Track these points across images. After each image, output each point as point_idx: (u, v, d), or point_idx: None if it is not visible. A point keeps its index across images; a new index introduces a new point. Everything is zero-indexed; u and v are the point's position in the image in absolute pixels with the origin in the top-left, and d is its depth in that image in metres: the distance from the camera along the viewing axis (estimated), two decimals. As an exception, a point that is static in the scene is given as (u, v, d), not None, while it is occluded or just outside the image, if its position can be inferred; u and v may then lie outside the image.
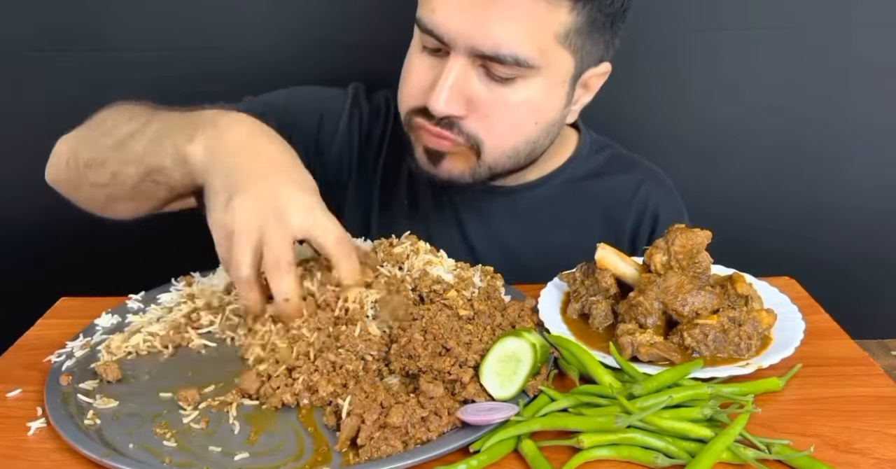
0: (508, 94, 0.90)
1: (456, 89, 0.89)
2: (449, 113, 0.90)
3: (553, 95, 0.93)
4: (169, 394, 0.73)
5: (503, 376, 0.69)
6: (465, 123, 0.92)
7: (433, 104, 0.89)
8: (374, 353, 0.74)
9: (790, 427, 0.67)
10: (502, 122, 0.92)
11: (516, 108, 0.91)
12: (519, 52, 0.86)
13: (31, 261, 1.47)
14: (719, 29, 1.33)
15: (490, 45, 0.85)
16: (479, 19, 0.85)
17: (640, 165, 1.16)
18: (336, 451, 0.64)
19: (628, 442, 0.64)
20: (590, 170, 1.12)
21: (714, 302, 0.77)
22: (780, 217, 1.45)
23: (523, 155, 0.97)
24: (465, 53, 0.87)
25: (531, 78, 0.89)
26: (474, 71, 0.89)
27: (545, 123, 0.95)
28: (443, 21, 0.87)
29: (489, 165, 0.96)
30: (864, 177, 1.43)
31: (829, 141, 1.41)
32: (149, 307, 0.89)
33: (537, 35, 0.86)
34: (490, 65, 0.88)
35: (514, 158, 0.97)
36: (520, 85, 0.90)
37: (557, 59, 0.90)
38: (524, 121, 0.93)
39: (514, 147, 0.95)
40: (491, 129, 0.92)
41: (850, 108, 1.38)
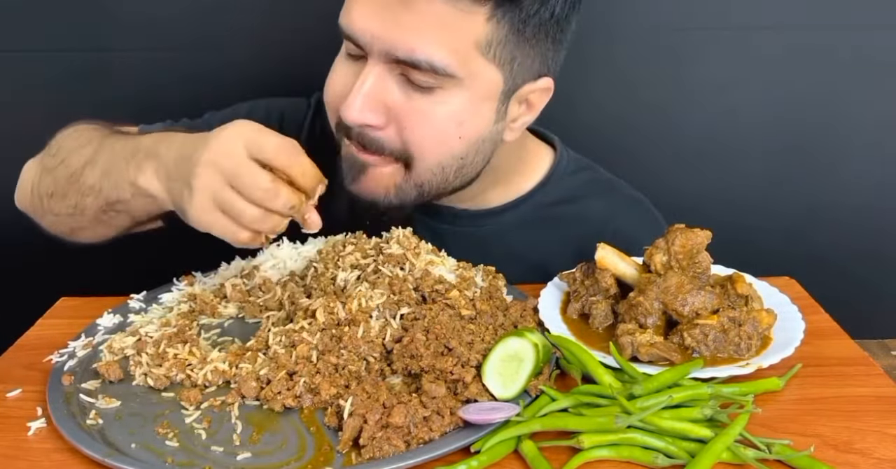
0: (428, 105, 0.85)
1: (372, 96, 0.84)
2: (364, 121, 0.85)
3: (479, 110, 0.87)
4: (171, 394, 0.73)
5: (505, 376, 0.69)
6: (383, 137, 0.87)
7: (346, 113, 0.84)
8: (377, 354, 0.74)
9: (790, 427, 0.67)
10: (424, 135, 0.87)
11: (437, 120, 0.86)
12: (434, 58, 0.81)
13: (31, 261, 1.47)
14: (719, 29, 1.33)
15: (404, 49, 0.81)
16: (393, 23, 0.81)
17: (621, 190, 1.09)
18: (338, 451, 0.64)
19: (628, 442, 0.64)
20: (563, 193, 1.05)
21: (714, 302, 0.77)
22: (780, 217, 1.45)
23: (451, 172, 0.91)
24: (381, 59, 0.83)
25: (452, 89, 0.84)
26: (393, 78, 0.85)
27: (471, 139, 0.89)
28: (359, 25, 0.83)
29: (416, 183, 0.90)
30: (863, 176, 1.43)
31: (829, 141, 1.41)
32: (150, 307, 0.89)
33: (454, 43, 0.82)
34: (408, 72, 0.83)
35: (441, 176, 0.90)
36: (440, 96, 0.85)
37: (481, 72, 0.85)
38: (446, 134, 0.87)
39: (440, 162, 0.89)
40: (412, 143, 0.87)
41: (850, 108, 1.38)
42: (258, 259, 0.95)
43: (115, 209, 0.85)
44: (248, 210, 0.73)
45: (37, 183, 0.95)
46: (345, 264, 0.86)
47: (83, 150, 0.89)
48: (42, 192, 0.93)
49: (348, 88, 0.86)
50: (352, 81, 0.86)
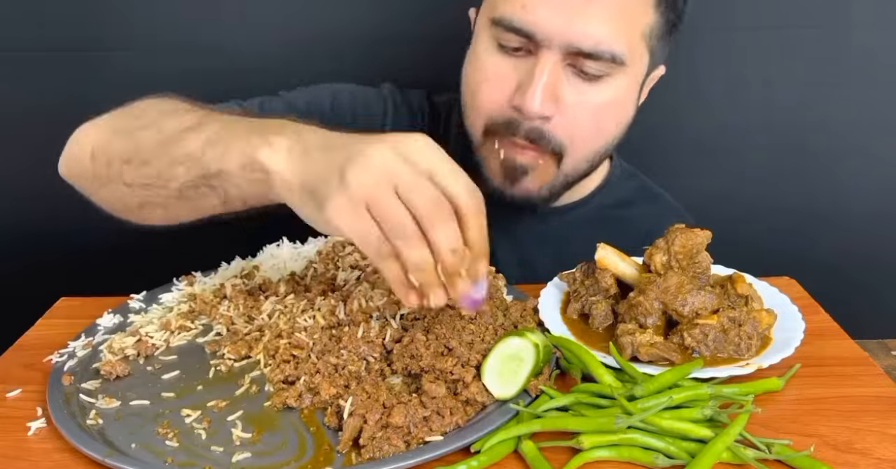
0: (596, 94, 0.89)
1: (549, 88, 0.86)
2: (544, 113, 0.87)
3: (633, 94, 0.93)
4: (171, 394, 0.73)
5: (504, 375, 0.69)
6: (551, 127, 0.89)
7: (529, 105, 0.86)
8: (377, 354, 0.74)
9: (790, 427, 0.67)
10: (588, 125, 0.91)
11: (602, 108, 0.90)
12: (615, 49, 0.85)
13: (31, 261, 1.47)
14: (719, 29, 1.33)
15: (589, 41, 0.84)
16: (576, 15, 0.83)
17: (665, 199, 1.14)
18: (338, 451, 0.64)
19: (628, 442, 0.64)
20: (620, 197, 1.10)
21: (714, 302, 0.77)
22: (780, 217, 1.45)
23: (600, 156, 0.97)
24: (558, 51, 0.85)
25: (617, 76, 0.89)
26: (562, 70, 0.87)
27: (624, 124, 0.95)
28: (537, 19, 0.84)
29: (567, 173, 0.94)
30: (864, 177, 1.43)
31: (830, 141, 1.41)
32: (150, 307, 0.89)
33: (630, 32, 0.87)
34: (581, 62, 0.86)
35: (591, 161, 0.96)
36: (606, 83, 0.89)
37: (640, 58, 0.90)
38: (608, 121, 0.93)
39: (596, 150, 0.95)
40: (576, 133, 0.91)
41: (851, 108, 1.38)
42: (258, 259, 0.95)
43: (209, 184, 0.71)
44: (407, 223, 0.60)
45: (103, 147, 0.81)
46: (344, 264, 0.86)
47: (184, 116, 0.77)
48: (113, 157, 0.79)
49: (513, 84, 0.88)
50: (514, 76, 0.88)
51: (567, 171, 0.95)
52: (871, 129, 1.40)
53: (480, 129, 0.93)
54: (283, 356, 0.74)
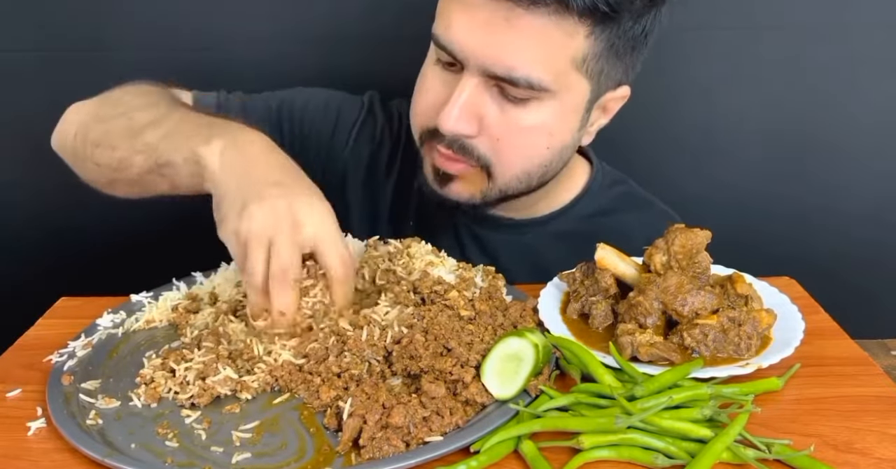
0: (521, 117, 0.88)
1: (467, 108, 0.87)
2: (458, 132, 0.88)
3: (567, 120, 0.91)
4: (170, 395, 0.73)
5: (504, 376, 0.69)
6: (476, 144, 0.90)
7: (443, 122, 0.87)
8: (380, 357, 0.74)
9: (790, 427, 0.67)
10: (514, 146, 0.90)
11: (528, 131, 0.89)
12: (532, 76, 0.84)
13: (31, 261, 1.47)
14: (719, 28, 1.33)
15: (503, 67, 0.83)
16: (494, 40, 0.83)
17: (655, 206, 1.12)
18: (338, 452, 0.64)
19: (628, 442, 0.64)
20: (600, 206, 1.08)
21: (714, 302, 0.77)
22: (780, 217, 1.45)
23: (535, 178, 0.95)
24: (478, 72, 0.85)
25: (545, 101, 0.87)
26: (487, 90, 0.87)
27: (557, 147, 0.93)
28: (458, 38, 0.85)
29: (500, 188, 0.94)
30: (863, 176, 1.43)
31: (830, 140, 1.41)
32: (151, 307, 0.89)
33: (552, 60, 0.84)
34: (504, 86, 0.86)
35: (525, 182, 0.95)
36: (533, 107, 0.88)
37: (573, 84, 0.88)
38: (536, 145, 0.91)
39: (526, 171, 0.93)
40: (502, 153, 0.90)
41: (851, 107, 1.38)
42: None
43: (161, 172, 0.84)
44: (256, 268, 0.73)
45: (83, 129, 0.93)
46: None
47: (151, 109, 0.89)
48: (89, 140, 0.91)
49: (441, 97, 0.89)
50: (444, 91, 0.89)
51: (500, 186, 0.94)
52: (871, 129, 1.40)
53: (418, 134, 0.96)
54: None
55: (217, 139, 0.78)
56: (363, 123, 1.11)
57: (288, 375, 0.73)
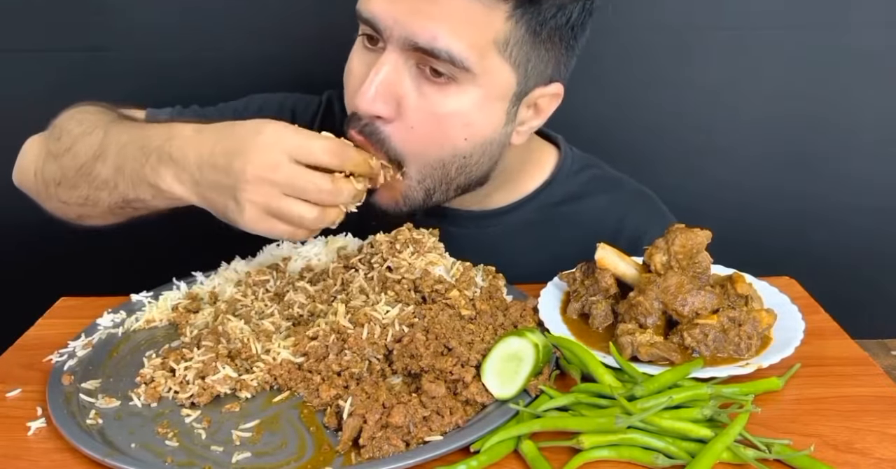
0: (439, 102, 0.84)
1: (386, 87, 0.83)
2: (375, 112, 0.84)
3: (489, 111, 0.87)
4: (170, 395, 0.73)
5: (504, 375, 0.69)
6: (390, 133, 0.86)
7: (360, 101, 0.83)
8: (381, 355, 0.74)
9: (790, 427, 0.67)
10: (429, 134, 0.86)
11: (445, 118, 0.85)
12: (453, 49, 0.81)
13: (31, 261, 1.47)
14: (720, 28, 1.33)
15: (425, 36, 0.80)
16: (416, 8, 0.81)
17: (625, 185, 1.08)
18: (338, 451, 0.64)
19: (628, 442, 0.64)
20: (568, 192, 1.04)
21: (714, 302, 0.77)
22: (780, 217, 1.45)
23: (452, 169, 0.90)
24: (399, 46, 0.82)
25: (466, 85, 0.84)
26: (408, 69, 0.84)
27: (477, 140, 0.88)
28: (379, 9, 0.82)
29: (417, 180, 0.89)
30: (863, 176, 1.43)
31: (830, 141, 1.41)
32: (151, 306, 0.89)
33: (474, 36, 0.82)
34: (425, 62, 0.83)
35: (441, 171, 0.89)
36: (452, 91, 0.84)
37: (496, 70, 0.84)
38: (452, 134, 0.87)
39: (440, 159, 0.88)
40: (416, 142, 0.86)
41: (851, 107, 1.38)
42: (257, 259, 0.95)
43: (132, 206, 0.84)
44: (308, 213, 0.75)
45: (41, 167, 0.92)
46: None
47: (89, 138, 0.86)
48: (48, 179, 0.90)
49: (361, 79, 0.85)
50: (365, 71, 0.85)
51: (417, 180, 0.89)
52: (871, 130, 1.40)
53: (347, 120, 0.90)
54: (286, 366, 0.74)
55: (163, 168, 0.78)
56: (321, 121, 1.09)
57: (287, 374, 0.73)
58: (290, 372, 0.73)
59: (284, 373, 0.73)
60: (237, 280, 0.91)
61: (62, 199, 0.90)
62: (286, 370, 0.73)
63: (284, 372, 0.73)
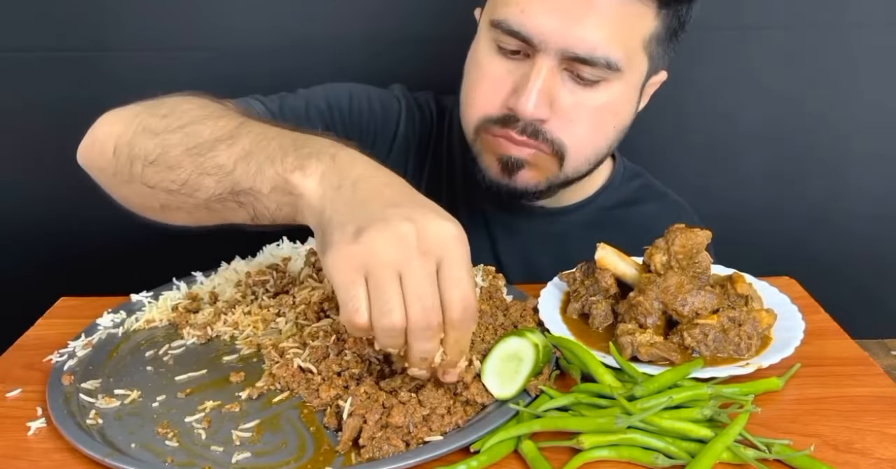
0: (591, 98, 0.90)
1: (543, 92, 0.87)
2: (537, 116, 0.89)
3: (630, 99, 0.94)
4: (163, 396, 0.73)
5: (504, 376, 0.69)
6: (548, 128, 0.90)
7: (522, 108, 0.87)
8: (380, 356, 0.74)
9: (790, 427, 0.67)
10: (585, 127, 0.92)
11: (598, 111, 0.91)
12: (611, 55, 0.86)
13: (31, 261, 1.47)
14: (719, 29, 1.33)
15: (584, 47, 0.85)
16: (573, 21, 0.84)
17: (669, 197, 1.15)
18: (338, 451, 0.64)
19: (628, 442, 0.64)
20: (622, 198, 1.11)
21: (714, 302, 0.77)
22: (780, 217, 1.45)
23: (600, 158, 0.98)
24: (554, 55, 0.86)
25: (614, 81, 0.89)
26: (559, 74, 0.88)
27: (622, 127, 0.96)
28: (534, 22, 0.85)
29: (568, 173, 0.95)
30: (864, 177, 1.43)
31: (830, 141, 1.41)
32: (151, 306, 0.89)
33: (627, 38, 0.87)
34: (577, 67, 0.87)
35: (592, 162, 0.97)
36: (602, 88, 0.89)
37: (637, 64, 0.91)
38: (605, 124, 0.93)
39: (596, 152, 0.96)
40: (574, 134, 0.92)
41: (851, 108, 1.38)
42: (257, 259, 0.95)
43: (237, 200, 0.69)
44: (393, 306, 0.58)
45: (127, 143, 0.76)
46: None
47: (216, 122, 0.73)
48: (137, 156, 0.75)
49: (508, 86, 0.90)
50: (509, 78, 0.90)
51: (569, 170, 0.95)
52: (871, 129, 1.40)
53: (474, 124, 0.95)
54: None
55: (312, 163, 0.65)
56: (406, 117, 1.11)
57: (289, 376, 0.73)
58: (293, 374, 0.73)
59: (287, 374, 0.73)
60: (237, 280, 0.91)
61: (149, 182, 0.74)
62: (290, 372, 0.73)
63: (288, 374, 0.73)
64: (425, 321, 0.59)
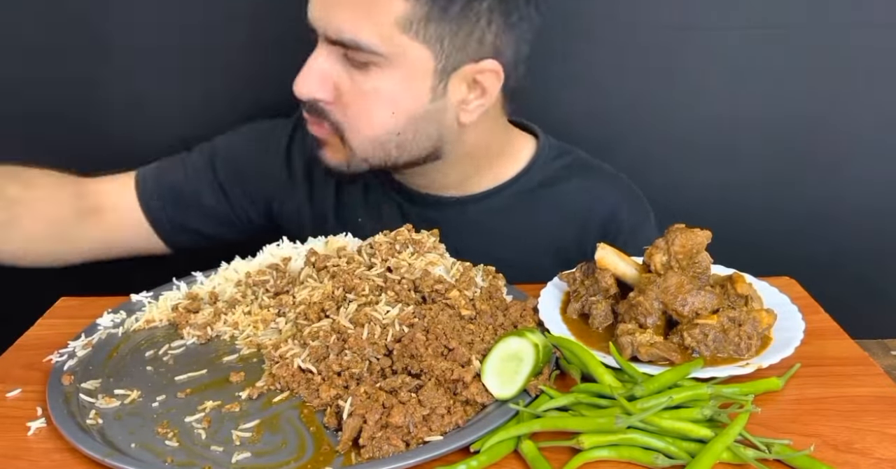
0: (364, 82, 0.92)
1: (318, 73, 0.93)
2: (312, 95, 0.93)
3: (412, 87, 0.93)
4: (163, 396, 0.73)
5: (504, 376, 0.69)
6: (330, 111, 0.95)
7: (297, 88, 0.93)
8: (381, 355, 0.74)
9: (790, 427, 0.67)
10: (359, 112, 0.94)
11: (370, 96, 0.93)
12: (359, 38, 0.88)
13: (31, 261, 1.47)
14: (719, 28, 1.33)
15: (334, 29, 0.89)
16: (329, 6, 0.90)
17: (601, 170, 1.12)
18: (338, 451, 0.64)
19: (628, 442, 0.64)
20: (545, 178, 1.09)
21: (714, 302, 0.77)
22: (780, 217, 1.45)
23: (391, 146, 0.97)
24: (324, 39, 0.92)
25: (385, 68, 0.91)
26: (338, 59, 0.92)
27: (406, 116, 0.94)
28: (311, 11, 0.92)
29: (360, 156, 0.97)
30: (864, 176, 1.43)
31: (830, 141, 1.41)
32: (151, 307, 0.89)
33: (376, 22, 0.88)
34: (346, 51, 0.91)
35: (380, 150, 0.97)
36: (374, 73, 0.92)
37: (408, 50, 0.90)
38: (379, 110, 0.94)
39: (375, 138, 0.96)
40: (351, 119, 0.95)
41: (851, 108, 1.38)
42: (257, 259, 0.95)
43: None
44: None
45: None
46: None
47: None
48: None
49: None
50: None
51: (358, 153, 0.97)
52: (871, 129, 1.40)
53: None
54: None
55: None
56: (290, 141, 1.14)
57: (290, 376, 0.73)
58: (293, 375, 0.73)
59: (287, 375, 0.73)
60: (237, 280, 0.91)
61: None
62: (290, 373, 0.73)
63: (288, 375, 0.73)
64: None
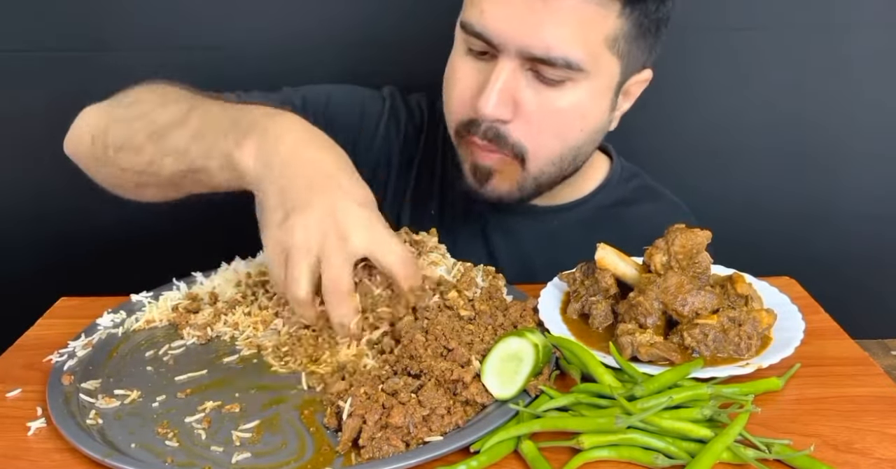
0: (556, 99, 0.89)
1: (505, 93, 0.87)
2: (497, 116, 0.89)
3: (599, 102, 0.93)
4: (163, 396, 0.73)
5: (504, 376, 0.69)
6: (511, 130, 0.91)
7: (481, 108, 0.88)
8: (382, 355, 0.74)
9: (790, 427, 0.67)
10: (548, 128, 0.91)
11: (563, 113, 0.91)
12: (570, 55, 0.85)
13: (30, 261, 1.47)
14: (718, 29, 1.33)
15: (541, 47, 0.85)
16: (531, 21, 0.84)
17: (667, 197, 1.15)
18: (338, 452, 0.64)
19: (628, 442, 0.64)
20: (618, 197, 1.11)
21: (714, 302, 0.77)
22: (780, 217, 1.45)
23: (567, 161, 0.96)
24: (515, 56, 0.86)
25: (580, 82, 0.89)
26: (523, 74, 0.88)
27: (590, 130, 0.95)
28: (493, 23, 0.86)
29: (534, 176, 0.95)
30: (864, 177, 1.43)
31: (830, 141, 1.41)
32: (151, 307, 0.89)
33: (587, 38, 0.86)
34: (539, 67, 0.87)
35: (558, 165, 0.96)
36: (568, 89, 0.89)
37: (605, 65, 0.90)
38: (570, 127, 0.93)
39: (560, 154, 0.94)
40: (536, 136, 0.91)
41: (851, 108, 1.38)
42: (257, 259, 0.95)
43: (195, 177, 0.80)
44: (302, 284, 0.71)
45: (101, 133, 0.88)
46: None
47: (171, 106, 0.84)
48: (110, 144, 0.87)
49: (475, 86, 0.90)
50: (478, 79, 0.90)
51: (533, 174, 0.95)
52: (871, 129, 1.40)
53: (453, 129, 0.96)
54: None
55: (248, 140, 0.74)
56: (389, 117, 1.11)
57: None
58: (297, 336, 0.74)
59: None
60: (237, 280, 0.91)
61: (122, 165, 0.86)
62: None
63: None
64: (334, 287, 0.70)
